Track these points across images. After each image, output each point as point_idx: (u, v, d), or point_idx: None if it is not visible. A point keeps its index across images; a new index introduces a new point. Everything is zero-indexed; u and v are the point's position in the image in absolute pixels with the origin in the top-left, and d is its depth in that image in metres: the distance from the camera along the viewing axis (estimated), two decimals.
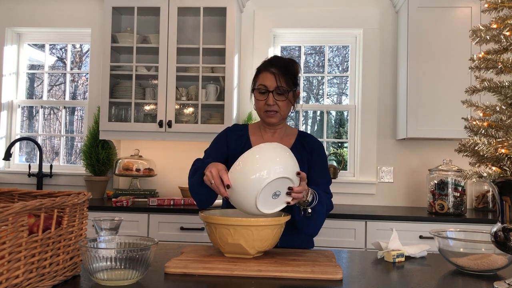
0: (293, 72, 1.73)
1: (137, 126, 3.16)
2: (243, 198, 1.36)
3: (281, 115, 1.73)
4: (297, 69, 1.76)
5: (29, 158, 3.87)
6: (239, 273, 1.23)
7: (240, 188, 1.35)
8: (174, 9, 3.14)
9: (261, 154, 1.36)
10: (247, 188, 1.34)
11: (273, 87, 1.68)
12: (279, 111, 1.71)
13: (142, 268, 1.12)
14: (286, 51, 3.79)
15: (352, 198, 3.35)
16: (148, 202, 2.93)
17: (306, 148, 1.78)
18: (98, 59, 3.48)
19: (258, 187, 1.33)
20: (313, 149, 1.79)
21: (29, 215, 1.07)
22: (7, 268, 0.93)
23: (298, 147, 1.79)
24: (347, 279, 1.24)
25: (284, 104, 1.71)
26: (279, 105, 1.70)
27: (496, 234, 1.18)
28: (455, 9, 3.02)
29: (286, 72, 1.70)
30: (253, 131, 1.85)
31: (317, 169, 1.76)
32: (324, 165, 1.79)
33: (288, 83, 1.69)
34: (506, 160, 1.13)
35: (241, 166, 1.36)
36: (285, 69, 1.70)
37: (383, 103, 3.38)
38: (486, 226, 2.54)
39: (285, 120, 1.82)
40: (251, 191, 1.34)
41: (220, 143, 1.81)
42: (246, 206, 1.38)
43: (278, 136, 1.82)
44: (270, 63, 1.73)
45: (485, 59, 1.23)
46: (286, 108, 1.73)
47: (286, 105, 1.72)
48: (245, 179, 1.34)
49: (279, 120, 1.75)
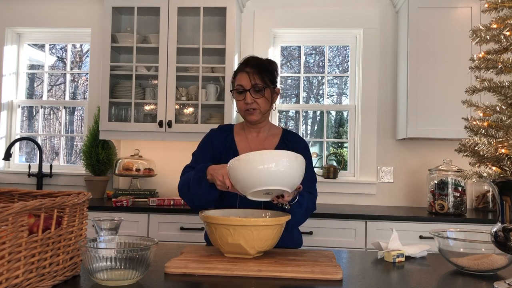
0: (270, 70, 1.78)
1: (137, 126, 3.16)
2: (242, 180, 1.42)
3: (261, 112, 1.77)
4: (274, 67, 1.82)
5: (29, 158, 3.87)
6: (239, 273, 1.23)
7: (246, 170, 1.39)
8: (174, 9, 3.13)
9: (282, 159, 1.39)
10: (251, 176, 1.39)
11: (249, 86, 1.74)
12: (258, 108, 1.76)
13: (142, 268, 1.12)
14: (286, 51, 3.79)
15: (352, 198, 3.35)
16: (148, 202, 2.94)
17: (289, 148, 1.78)
18: (98, 59, 3.48)
19: (258, 185, 1.38)
20: (297, 150, 1.78)
21: (29, 215, 1.07)
22: (7, 268, 0.93)
23: (281, 147, 1.81)
24: (347, 279, 1.24)
25: (262, 101, 1.75)
26: (257, 102, 1.75)
27: (496, 234, 1.18)
28: (455, 9, 3.02)
29: (261, 70, 1.75)
30: (238, 132, 1.88)
31: None
32: (309, 164, 1.79)
33: (263, 80, 1.74)
34: (506, 160, 1.13)
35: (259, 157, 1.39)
36: (260, 67, 1.76)
37: (383, 103, 3.38)
38: (486, 226, 2.54)
39: (266, 118, 1.85)
40: (251, 182, 1.39)
41: (205, 146, 1.86)
42: (239, 185, 1.43)
43: (262, 136, 1.85)
44: (245, 63, 1.79)
45: (485, 59, 1.23)
46: (265, 105, 1.77)
47: (265, 102, 1.76)
48: (253, 169, 1.38)
49: (260, 117, 1.79)
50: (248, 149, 1.80)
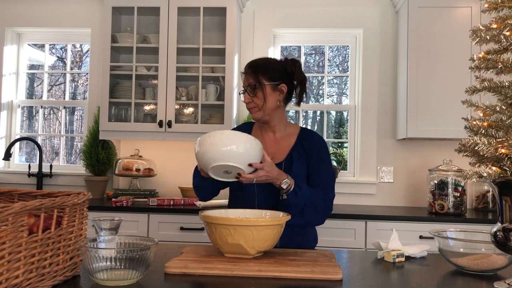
0: (267, 68, 1.78)
1: (137, 126, 3.16)
2: (201, 160, 1.57)
3: (261, 110, 1.77)
4: (274, 66, 1.80)
5: (29, 158, 3.87)
6: (239, 273, 1.23)
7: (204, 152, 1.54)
8: (174, 9, 3.13)
9: (218, 138, 1.52)
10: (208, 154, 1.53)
11: (246, 86, 1.78)
12: (257, 106, 1.77)
13: (142, 268, 1.12)
14: (286, 51, 3.79)
15: (352, 198, 3.34)
16: (148, 202, 2.94)
17: (306, 150, 1.79)
18: (98, 59, 3.48)
19: (209, 164, 1.53)
20: (313, 151, 1.79)
21: (29, 215, 1.07)
22: (7, 268, 0.93)
23: (298, 147, 1.80)
24: (347, 279, 1.24)
25: (258, 99, 1.76)
26: (254, 101, 1.76)
27: (496, 234, 1.18)
28: (455, 9, 3.02)
29: (255, 69, 1.77)
30: (256, 131, 1.90)
31: (317, 171, 1.78)
32: (325, 165, 1.80)
33: (257, 78, 1.76)
34: (506, 160, 1.13)
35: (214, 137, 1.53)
36: (255, 67, 1.78)
37: (383, 103, 3.38)
38: (486, 226, 2.54)
39: (275, 117, 1.82)
40: (207, 161, 1.54)
41: None
42: (202, 165, 1.58)
43: (278, 136, 1.85)
44: (246, 66, 1.82)
45: (485, 59, 1.23)
46: (263, 103, 1.76)
47: (262, 100, 1.76)
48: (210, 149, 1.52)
49: (262, 115, 1.78)
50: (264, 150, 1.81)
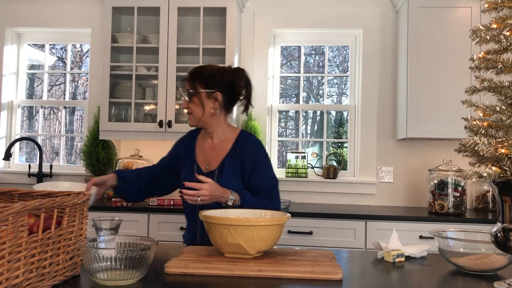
0: (204, 75, 1.78)
1: (137, 126, 3.16)
2: None
3: (195, 117, 1.79)
4: (210, 72, 1.79)
5: (29, 158, 3.87)
6: (239, 273, 1.23)
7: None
8: (174, 9, 3.13)
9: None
10: None
11: (184, 92, 1.82)
12: (192, 113, 1.79)
13: (142, 268, 1.12)
14: (286, 51, 3.79)
15: (352, 198, 3.34)
16: (148, 202, 2.93)
17: (238, 157, 1.78)
18: (98, 59, 3.48)
19: None
20: (243, 158, 1.77)
21: (29, 215, 1.07)
22: (7, 268, 0.93)
23: (231, 155, 1.80)
24: (347, 279, 1.24)
25: (192, 105, 1.78)
26: (191, 107, 1.79)
27: (496, 234, 1.18)
28: (455, 9, 3.02)
29: (192, 76, 1.79)
30: (199, 138, 1.93)
31: (256, 178, 1.78)
32: (263, 171, 1.79)
33: (193, 85, 1.77)
34: (506, 160, 1.13)
35: None
36: (193, 73, 1.80)
37: (383, 103, 3.38)
38: (486, 226, 2.53)
39: (210, 124, 1.82)
40: None
41: (170, 152, 1.98)
42: None
43: (216, 142, 1.85)
44: (187, 72, 1.86)
45: (485, 59, 1.23)
46: (197, 110, 1.78)
47: (196, 107, 1.77)
48: None
49: (196, 122, 1.81)
50: (202, 157, 1.84)
